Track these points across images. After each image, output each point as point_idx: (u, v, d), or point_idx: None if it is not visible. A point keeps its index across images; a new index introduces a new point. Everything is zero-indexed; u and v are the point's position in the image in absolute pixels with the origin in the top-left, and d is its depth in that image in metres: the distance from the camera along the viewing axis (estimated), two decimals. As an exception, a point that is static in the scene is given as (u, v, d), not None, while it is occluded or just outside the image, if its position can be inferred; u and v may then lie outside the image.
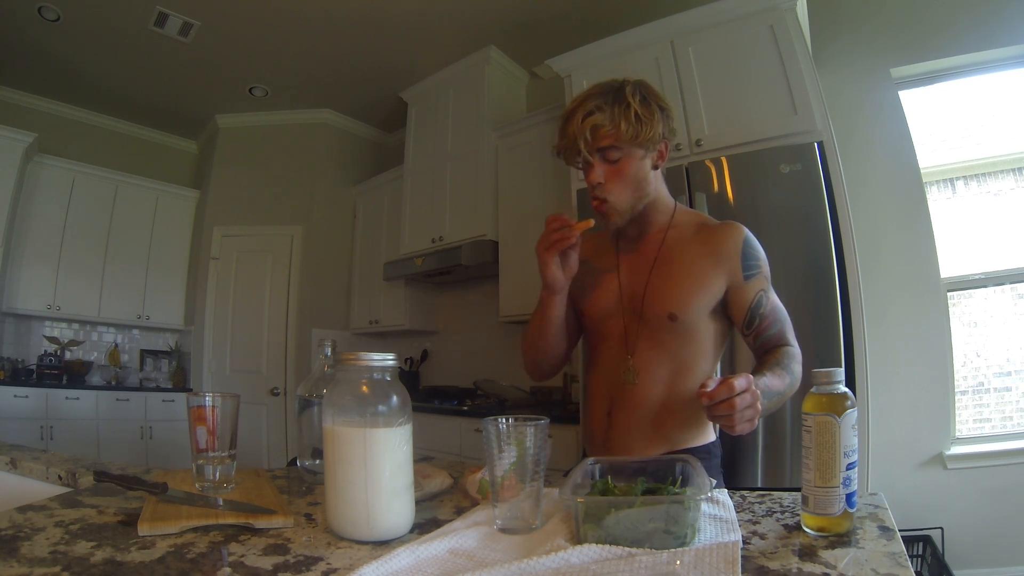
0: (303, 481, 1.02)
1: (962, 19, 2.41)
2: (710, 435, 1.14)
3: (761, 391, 0.88)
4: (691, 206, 2.09)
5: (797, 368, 1.05)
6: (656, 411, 1.10)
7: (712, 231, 1.13)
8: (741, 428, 0.81)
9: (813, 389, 0.72)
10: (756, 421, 0.83)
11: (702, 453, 1.10)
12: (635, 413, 1.11)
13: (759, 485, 1.87)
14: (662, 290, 1.10)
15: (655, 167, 1.13)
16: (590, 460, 0.81)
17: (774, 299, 1.11)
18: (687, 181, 2.15)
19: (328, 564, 0.61)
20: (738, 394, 0.79)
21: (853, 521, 0.68)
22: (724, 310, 1.12)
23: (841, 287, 1.87)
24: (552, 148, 1.15)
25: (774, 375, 0.99)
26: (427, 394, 3.45)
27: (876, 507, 0.76)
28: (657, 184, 1.15)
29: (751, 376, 0.84)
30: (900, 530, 0.67)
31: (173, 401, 4.13)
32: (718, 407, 0.80)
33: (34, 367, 3.95)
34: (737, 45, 2.24)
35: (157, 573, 0.57)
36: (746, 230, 1.12)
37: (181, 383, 4.35)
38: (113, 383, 4.20)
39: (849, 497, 0.67)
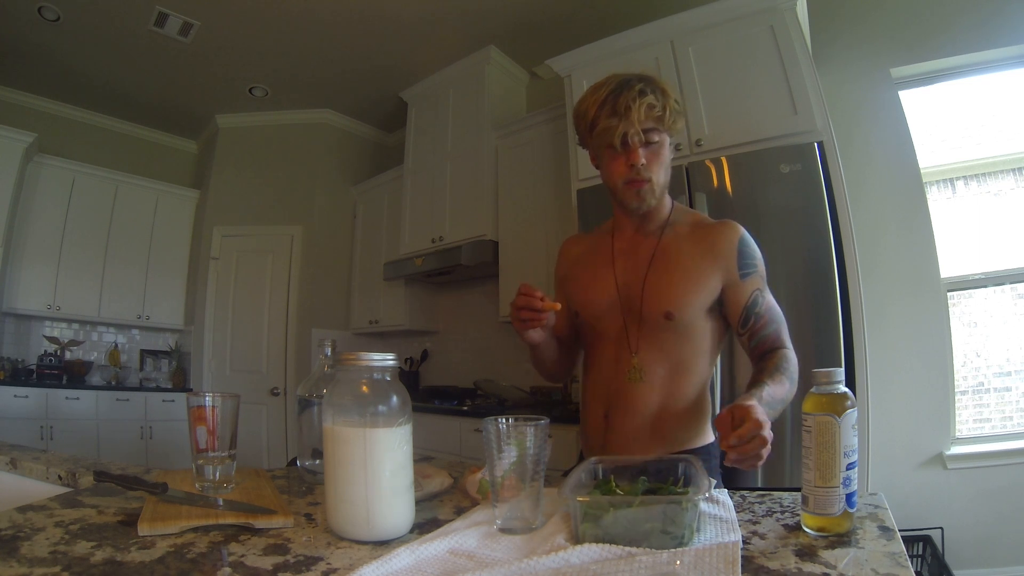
0: (303, 481, 1.02)
1: (962, 19, 2.41)
2: (709, 436, 1.13)
3: (766, 403, 0.89)
4: (691, 206, 2.09)
5: (794, 373, 1.04)
6: (655, 412, 1.09)
7: (708, 229, 1.13)
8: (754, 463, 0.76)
9: (813, 389, 0.72)
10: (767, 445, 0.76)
11: (701, 455, 1.09)
12: (633, 415, 1.10)
13: (759, 485, 1.87)
14: (659, 289, 1.10)
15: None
16: (593, 459, 0.81)
17: (770, 300, 1.11)
18: (687, 181, 2.15)
19: (328, 564, 0.61)
20: (760, 429, 0.74)
21: (853, 521, 0.68)
22: (720, 309, 1.11)
23: (841, 287, 1.87)
24: (585, 127, 1.11)
25: (775, 383, 0.98)
26: (427, 394, 3.45)
27: (876, 507, 0.76)
28: None
29: (757, 404, 0.80)
30: (900, 530, 0.67)
31: (173, 401, 4.13)
32: (746, 448, 0.73)
33: (34, 367, 3.95)
34: (737, 45, 2.24)
35: (157, 573, 0.57)
36: (742, 229, 1.12)
37: (181, 383, 4.35)
38: (113, 383, 4.20)
39: (849, 497, 0.67)
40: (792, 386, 1.02)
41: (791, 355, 1.07)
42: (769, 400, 0.92)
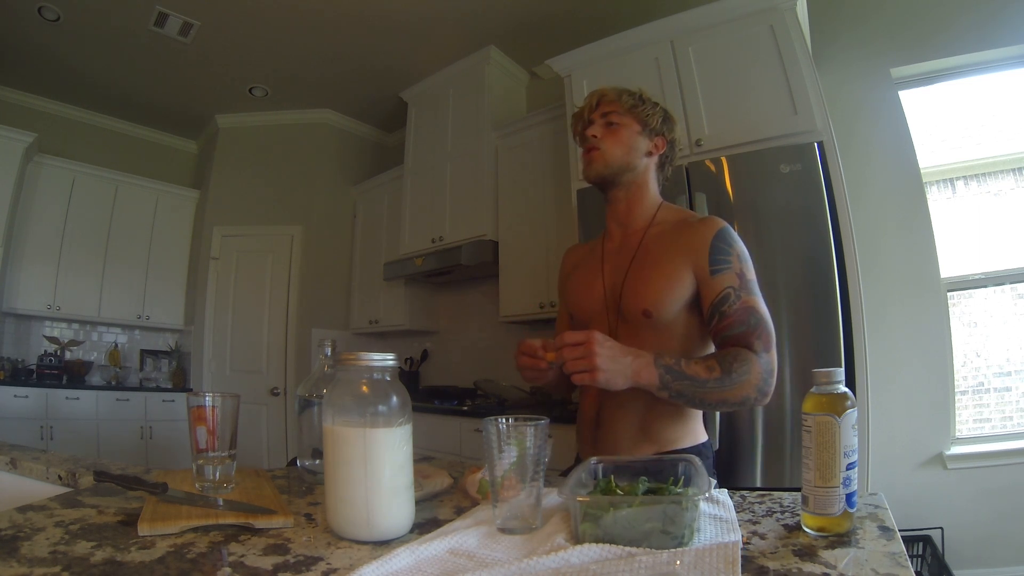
0: (303, 481, 1.02)
1: (962, 19, 2.41)
2: (700, 435, 1.14)
3: (666, 367, 0.94)
4: (691, 206, 2.09)
5: (746, 373, 0.97)
6: (642, 411, 1.10)
7: (688, 225, 1.12)
8: (580, 378, 0.91)
9: (813, 389, 0.72)
10: (596, 374, 0.90)
11: (693, 454, 1.10)
12: (622, 413, 1.11)
13: (759, 485, 1.87)
14: (637, 287, 1.10)
15: (648, 154, 1.18)
16: (593, 459, 0.81)
17: (750, 301, 1.03)
18: (687, 181, 2.15)
19: (328, 564, 0.61)
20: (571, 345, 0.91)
21: (853, 521, 0.68)
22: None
23: (841, 287, 1.87)
24: (573, 137, 1.24)
25: (698, 364, 0.97)
26: (427, 394, 3.45)
27: (876, 507, 0.76)
28: (648, 174, 1.19)
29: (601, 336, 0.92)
30: (900, 530, 0.67)
31: (173, 401, 4.13)
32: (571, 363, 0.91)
33: (34, 367, 3.95)
34: (737, 45, 2.24)
35: (157, 573, 0.57)
36: (724, 225, 1.09)
37: (181, 383, 4.35)
38: (113, 383, 4.20)
39: (849, 497, 0.67)
40: (730, 380, 0.96)
41: (749, 355, 0.99)
42: (673, 368, 0.95)
